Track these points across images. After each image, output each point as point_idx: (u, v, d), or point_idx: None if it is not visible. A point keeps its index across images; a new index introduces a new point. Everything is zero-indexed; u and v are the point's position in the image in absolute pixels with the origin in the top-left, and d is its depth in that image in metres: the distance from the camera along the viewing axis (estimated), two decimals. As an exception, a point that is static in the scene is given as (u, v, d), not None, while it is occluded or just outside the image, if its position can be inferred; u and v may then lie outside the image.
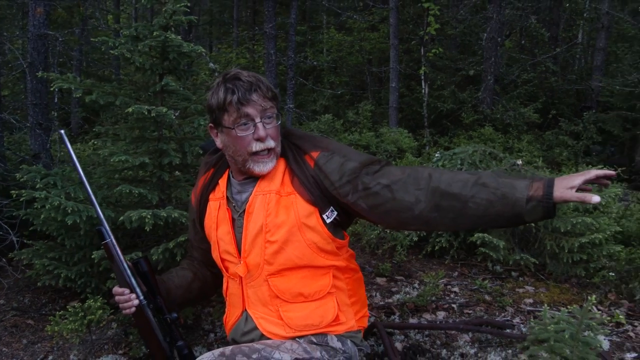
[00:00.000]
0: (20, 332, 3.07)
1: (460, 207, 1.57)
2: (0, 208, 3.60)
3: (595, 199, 1.43)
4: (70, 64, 8.22)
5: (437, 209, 1.60)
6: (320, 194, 1.75)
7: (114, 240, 1.86)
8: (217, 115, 1.74)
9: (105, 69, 11.47)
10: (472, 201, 1.55)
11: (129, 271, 1.87)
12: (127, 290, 1.86)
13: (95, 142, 3.14)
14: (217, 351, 1.68)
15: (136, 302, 1.86)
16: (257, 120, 1.70)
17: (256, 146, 1.71)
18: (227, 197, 1.87)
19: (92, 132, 7.53)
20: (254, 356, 1.65)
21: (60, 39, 4.16)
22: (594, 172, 1.48)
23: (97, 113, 7.80)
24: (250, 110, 1.68)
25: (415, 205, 1.61)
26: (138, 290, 1.87)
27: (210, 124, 1.81)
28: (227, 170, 1.91)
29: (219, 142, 1.82)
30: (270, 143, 1.73)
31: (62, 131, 1.85)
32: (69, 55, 7.70)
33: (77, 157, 1.85)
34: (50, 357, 2.84)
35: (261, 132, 1.70)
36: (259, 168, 1.75)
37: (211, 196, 1.92)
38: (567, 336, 1.78)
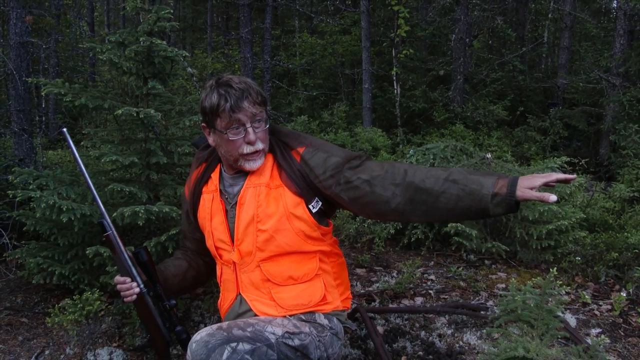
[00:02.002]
0: (15, 329, 3.16)
1: (432, 201, 1.73)
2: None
3: (553, 198, 1.56)
4: (48, 71, 8.24)
5: (411, 202, 1.76)
6: (306, 186, 1.91)
7: (115, 232, 1.98)
8: (210, 118, 1.88)
9: (80, 75, 11.47)
10: (442, 196, 1.70)
11: (129, 261, 1.97)
12: (128, 279, 1.96)
13: (83, 144, 3.25)
14: (214, 326, 1.82)
15: (137, 290, 1.96)
16: (248, 125, 1.84)
17: (247, 149, 1.87)
18: (220, 190, 2.02)
19: (72, 137, 7.54)
20: (249, 329, 1.80)
21: (43, 47, 4.26)
22: (554, 176, 1.61)
23: (76, 118, 7.86)
24: (241, 116, 1.83)
25: (392, 199, 1.77)
26: (138, 279, 1.97)
27: (203, 124, 1.94)
28: (219, 164, 2.06)
29: (211, 141, 1.96)
30: (259, 145, 1.89)
31: (65, 129, 1.98)
32: (48, 62, 7.73)
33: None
34: (47, 352, 2.94)
35: (251, 137, 1.85)
36: (249, 165, 1.91)
37: (204, 189, 2.06)
38: (532, 305, 1.97)
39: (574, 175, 1.64)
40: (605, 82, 8.91)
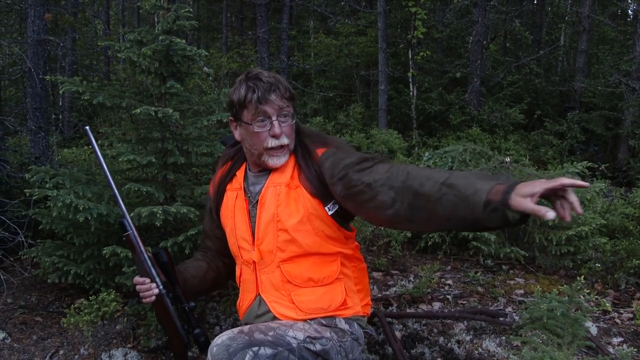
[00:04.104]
0: (30, 328, 3.15)
1: (431, 208, 1.52)
2: (6, 209, 3.68)
3: (550, 214, 1.29)
4: (64, 69, 8.28)
5: (411, 208, 1.57)
6: (322, 188, 1.87)
7: (135, 232, 1.95)
8: (237, 110, 1.87)
9: (95, 74, 11.53)
10: (439, 203, 1.49)
11: (149, 262, 1.95)
12: (147, 280, 1.94)
13: (100, 143, 3.23)
14: (235, 329, 1.80)
15: (156, 291, 1.94)
16: (274, 118, 1.83)
17: (271, 142, 1.85)
18: (244, 188, 1.99)
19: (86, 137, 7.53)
20: (270, 333, 1.77)
21: (61, 44, 4.26)
22: (560, 181, 1.34)
23: (91, 117, 7.89)
24: (267, 108, 1.81)
25: (393, 204, 1.61)
26: (158, 280, 1.95)
27: (231, 118, 1.95)
28: (245, 163, 2.04)
29: (237, 135, 1.95)
30: (284, 140, 1.86)
31: (87, 127, 1.96)
32: (64, 60, 7.77)
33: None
34: (61, 352, 2.92)
35: (276, 130, 1.83)
36: (273, 161, 1.88)
37: (228, 187, 2.05)
38: (558, 314, 1.92)
39: (586, 184, 1.38)
40: (625, 86, 8.79)
